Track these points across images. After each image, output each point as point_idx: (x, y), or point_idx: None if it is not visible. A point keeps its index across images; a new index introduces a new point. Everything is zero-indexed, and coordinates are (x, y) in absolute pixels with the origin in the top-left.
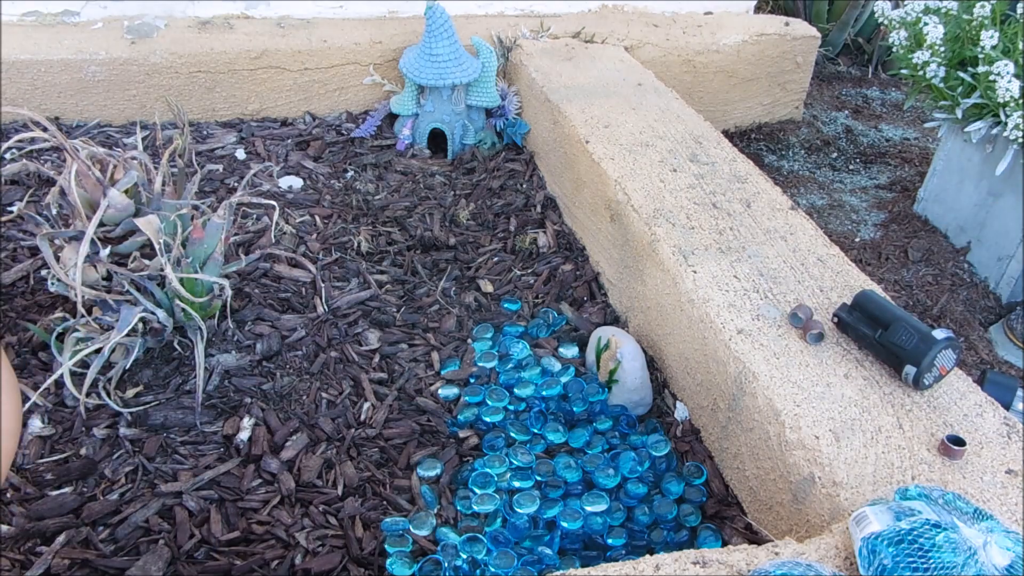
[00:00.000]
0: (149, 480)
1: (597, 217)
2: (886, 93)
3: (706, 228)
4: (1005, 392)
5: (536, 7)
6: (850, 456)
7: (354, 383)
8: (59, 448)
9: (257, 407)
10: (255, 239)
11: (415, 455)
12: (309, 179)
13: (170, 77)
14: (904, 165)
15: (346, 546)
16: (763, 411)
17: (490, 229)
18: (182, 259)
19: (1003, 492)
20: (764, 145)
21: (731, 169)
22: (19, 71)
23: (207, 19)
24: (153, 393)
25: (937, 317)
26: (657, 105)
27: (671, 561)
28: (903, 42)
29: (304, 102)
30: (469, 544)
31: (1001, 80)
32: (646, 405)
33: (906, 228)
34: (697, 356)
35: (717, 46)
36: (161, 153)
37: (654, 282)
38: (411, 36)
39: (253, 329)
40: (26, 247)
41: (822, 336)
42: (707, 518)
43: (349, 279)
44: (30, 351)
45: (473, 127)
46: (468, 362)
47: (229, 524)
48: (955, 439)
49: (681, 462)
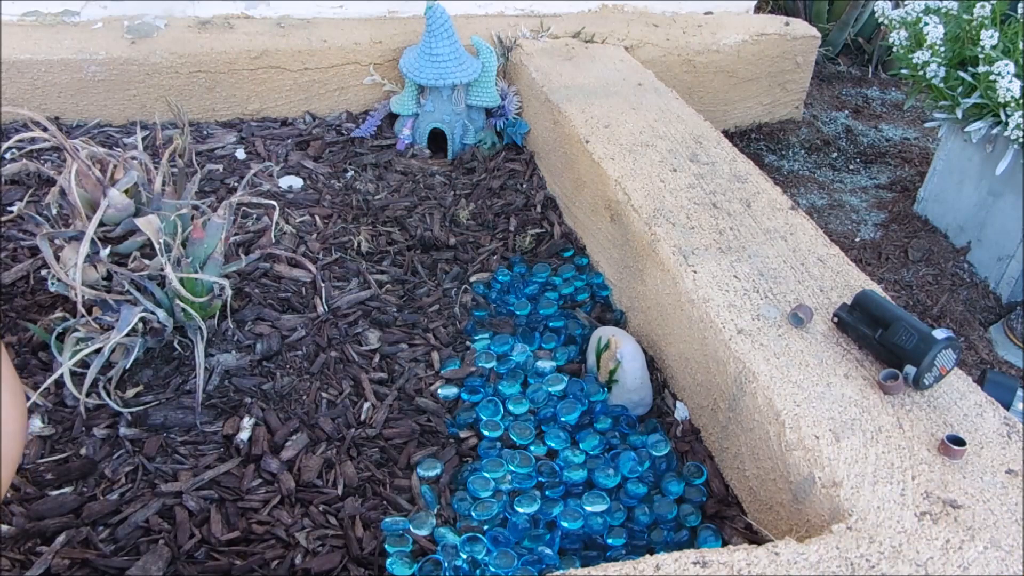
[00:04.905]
0: (149, 480)
1: (597, 217)
2: (886, 93)
3: (706, 228)
4: (1005, 392)
5: (536, 7)
6: (850, 456)
7: (354, 383)
8: (59, 448)
9: (257, 407)
10: (255, 239)
11: (415, 455)
12: (309, 179)
13: (170, 77)
14: (904, 165)
15: (346, 546)
16: (763, 411)
17: (490, 229)
18: (182, 259)
19: (1003, 492)
20: (764, 145)
21: (731, 169)
22: (19, 71)
23: (207, 19)
24: (153, 393)
25: (937, 317)
26: (657, 105)
27: (671, 561)
28: (903, 42)
29: (304, 102)
30: (469, 544)
31: (1001, 80)
32: (646, 405)
33: (906, 228)
34: (697, 356)
35: (717, 46)
36: (161, 153)
37: (654, 282)
38: (411, 36)
39: (253, 329)
40: (26, 247)
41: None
42: (707, 518)
43: (349, 279)
44: (30, 351)
45: (473, 127)
46: (468, 362)
47: (229, 524)
48: (955, 439)
49: (681, 462)
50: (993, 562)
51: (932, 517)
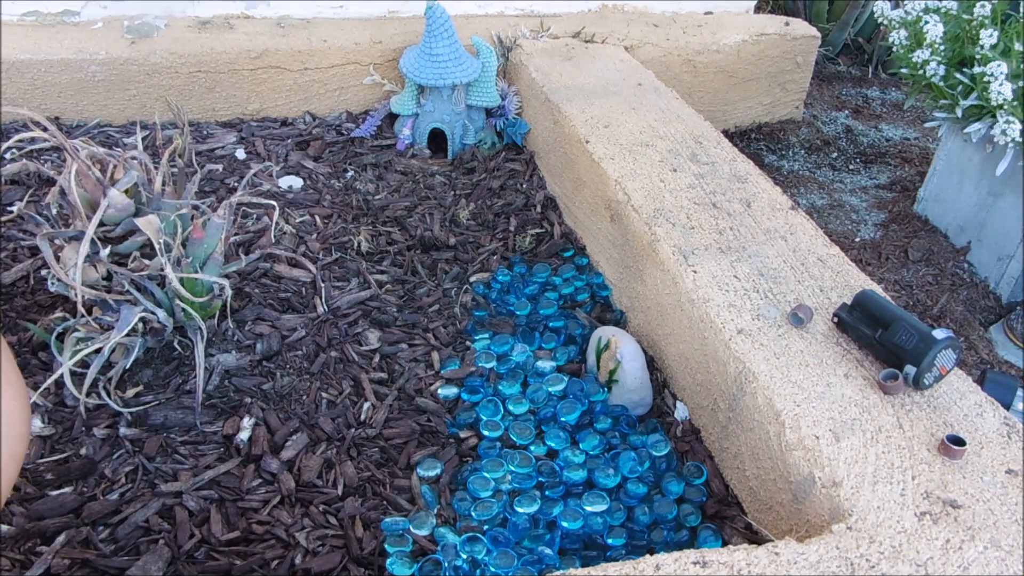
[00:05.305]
0: (149, 480)
1: (597, 217)
2: (886, 93)
3: (706, 228)
4: (1005, 392)
5: (536, 7)
6: (850, 456)
7: (354, 383)
8: (59, 448)
9: (257, 407)
10: (255, 239)
11: (415, 455)
12: (309, 179)
13: (170, 77)
14: (904, 165)
15: (346, 546)
16: (763, 411)
17: (490, 229)
18: (182, 259)
19: (1003, 492)
20: (764, 145)
21: (731, 169)
22: (19, 71)
23: (207, 19)
24: (153, 393)
25: (937, 317)
26: (657, 105)
27: (671, 561)
28: (903, 42)
29: (304, 102)
30: (469, 544)
31: (994, 82)
32: (646, 405)
33: (906, 228)
34: (697, 356)
35: (717, 46)
36: (161, 153)
37: (654, 282)
38: (411, 36)
39: (253, 329)
40: (26, 247)
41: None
42: (707, 518)
43: (349, 279)
44: (30, 351)
45: (473, 127)
46: (468, 362)
47: (229, 524)
48: (955, 439)
49: (681, 462)
50: (993, 562)
51: (932, 517)
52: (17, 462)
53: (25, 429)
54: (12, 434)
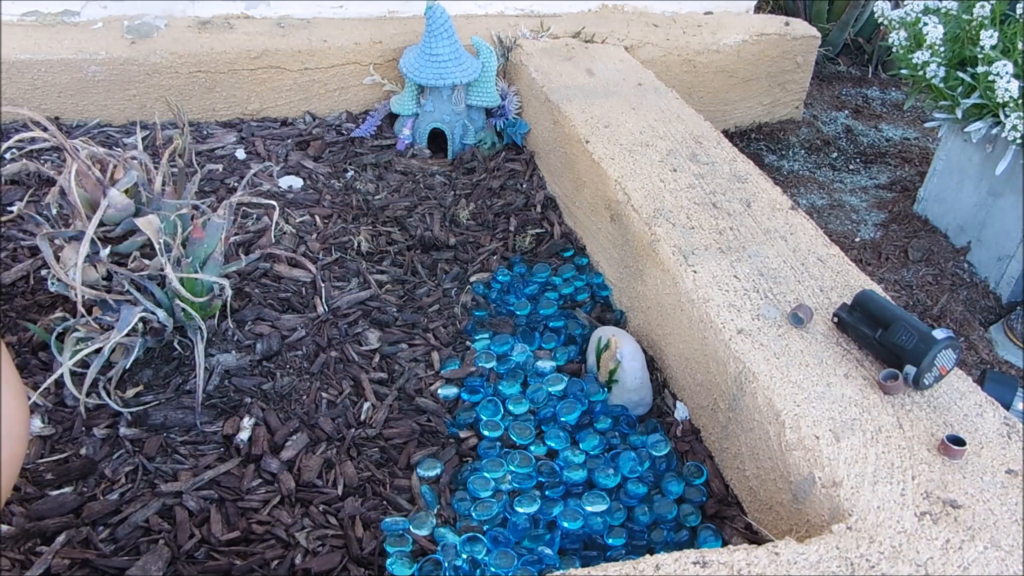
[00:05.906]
0: (149, 480)
1: (597, 217)
2: (886, 93)
3: (706, 228)
4: (1005, 392)
5: (536, 7)
6: (850, 456)
7: (354, 383)
8: (59, 448)
9: (257, 407)
10: (255, 239)
11: (415, 455)
12: (309, 179)
13: (170, 77)
14: (904, 165)
15: (346, 546)
16: (763, 411)
17: (490, 229)
18: (182, 259)
19: (1003, 492)
20: (764, 145)
21: (731, 169)
22: (19, 71)
23: (207, 19)
24: (153, 393)
25: (937, 317)
26: (657, 105)
27: (671, 561)
28: (903, 42)
29: (304, 102)
30: (469, 544)
31: (1000, 80)
32: (646, 405)
33: (906, 228)
34: (697, 356)
35: (717, 46)
36: (161, 153)
37: (654, 282)
38: (411, 36)
39: (253, 329)
40: (26, 247)
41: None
42: (707, 518)
43: (349, 279)
44: (30, 351)
45: (473, 127)
46: (468, 362)
47: (229, 524)
48: (955, 439)
49: (681, 462)
50: (993, 562)
51: (932, 517)
52: (17, 462)
53: (24, 429)
54: (12, 434)
